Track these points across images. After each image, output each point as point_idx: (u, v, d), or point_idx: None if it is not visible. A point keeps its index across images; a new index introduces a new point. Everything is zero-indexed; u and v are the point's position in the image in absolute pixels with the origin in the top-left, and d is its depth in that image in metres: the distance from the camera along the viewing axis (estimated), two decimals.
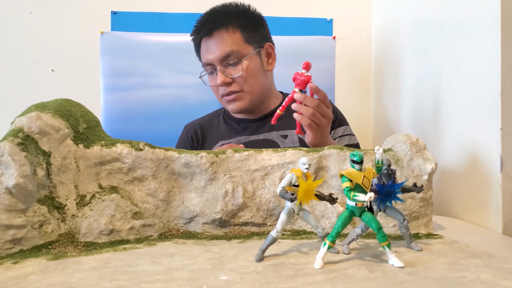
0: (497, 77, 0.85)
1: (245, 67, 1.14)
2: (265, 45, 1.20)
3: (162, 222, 0.73)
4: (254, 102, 1.18)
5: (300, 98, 0.89)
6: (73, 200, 0.69)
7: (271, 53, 1.22)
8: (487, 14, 0.89)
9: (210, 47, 1.16)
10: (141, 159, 0.73)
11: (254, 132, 1.20)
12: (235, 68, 1.14)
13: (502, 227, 0.84)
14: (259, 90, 1.18)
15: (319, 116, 0.90)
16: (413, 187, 0.63)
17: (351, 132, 1.19)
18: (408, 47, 1.35)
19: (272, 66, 1.21)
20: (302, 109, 0.89)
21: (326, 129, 0.93)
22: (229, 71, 1.14)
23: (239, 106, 1.17)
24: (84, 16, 1.56)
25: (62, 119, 0.70)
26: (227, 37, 1.14)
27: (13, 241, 0.60)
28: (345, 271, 0.53)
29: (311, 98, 0.89)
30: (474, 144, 0.95)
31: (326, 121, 0.92)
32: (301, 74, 0.89)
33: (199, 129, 1.27)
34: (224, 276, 0.51)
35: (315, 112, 0.89)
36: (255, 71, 1.16)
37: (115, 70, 1.45)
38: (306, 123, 0.90)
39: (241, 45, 1.15)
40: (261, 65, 1.19)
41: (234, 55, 1.13)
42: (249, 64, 1.15)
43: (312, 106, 0.89)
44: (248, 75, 1.14)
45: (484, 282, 0.49)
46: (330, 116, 0.93)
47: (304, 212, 0.61)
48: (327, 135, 0.95)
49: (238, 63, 1.13)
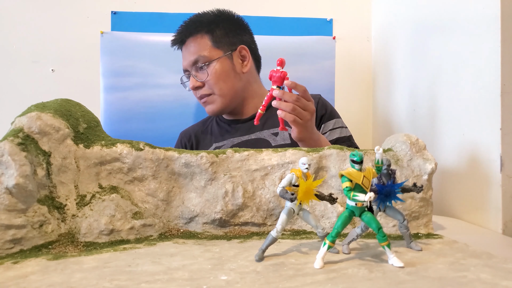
0: (497, 77, 0.85)
1: (213, 71, 1.17)
2: (238, 47, 1.21)
3: (162, 222, 0.73)
4: (228, 104, 1.20)
5: (278, 94, 0.89)
6: (73, 200, 0.69)
7: (246, 55, 1.23)
8: (487, 14, 0.89)
9: (184, 54, 1.23)
10: (141, 159, 0.73)
11: (246, 132, 1.21)
12: (203, 72, 1.18)
13: (502, 227, 0.84)
14: (231, 92, 1.20)
15: (300, 110, 0.90)
16: (413, 187, 0.63)
17: (342, 125, 1.19)
18: (408, 47, 1.35)
19: (247, 68, 1.22)
20: (283, 105, 0.90)
21: (310, 122, 0.93)
22: (199, 76, 1.19)
23: (212, 108, 1.21)
24: (84, 16, 1.56)
25: (62, 119, 0.70)
26: (195, 43, 1.20)
27: (13, 241, 0.60)
28: (345, 271, 0.53)
29: (289, 93, 0.90)
30: (474, 144, 0.95)
31: (308, 114, 0.92)
32: (276, 71, 0.89)
33: (192, 135, 1.30)
34: (224, 276, 0.51)
35: (295, 106, 0.90)
36: (223, 74, 1.18)
37: (115, 70, 1.45)
38: (290, 119, 0.91)
39: (209, 49, 1.18)
40: (232, 68, 1.20)
41: (201, 60, 1.18)
42: (217, 67, 1.18)
43: (292, 101, 0.89)
44: (216, 78, 1.17)
45: (484, 282, 0.49)
46: (311, 108, 0.92)
47: (304, 212, 0.61)
48: (312, 128, 0.95)
49: (205, 67, 1.18)
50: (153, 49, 1.46)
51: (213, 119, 1.31)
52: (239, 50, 1.21)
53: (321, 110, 1.19)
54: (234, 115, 1.26)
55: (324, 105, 1.21)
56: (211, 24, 1.20)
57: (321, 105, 1.20)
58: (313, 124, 0.95)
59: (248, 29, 1.27)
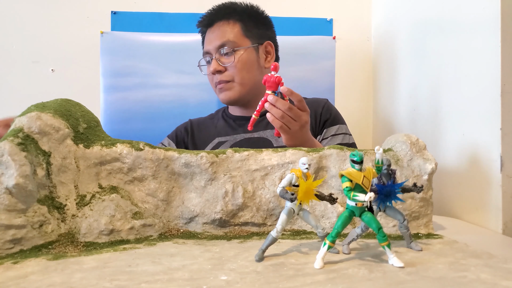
0: (497, 77, 0.85)
1: (238, 58, 1.18)
2: (265, 42, 1.23)
3: (162, 222, 0.73)
4: (245, 94, 1.20)
5: (272, 100, 0.89)
6: (73, 200, 0.69)
7: (270, 52, 1.25)
8: (487, 14, 0.89)
9: (210, 37, 1.22)
10: (141, 159, 0.73)
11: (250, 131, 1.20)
12: (229, 57, 1.18)
13: (502, 227, 0.84)
14: (251, 83, 1.20)
15: (289, 119, 0.90)
16: (413, 187, 0.63)
17: (346, 131, 1.19)
18: (408, 47, 1.35)
19: (269, 64, 1.23)
20: (273, 110, 0.90)
21: (300, 133, 0.92)
22: (223, 60, 1.19)
23: (228, 96, 1.20)
24: (84, 16, 1.56)
25: (62, 119, 0.70)
26: (225, 28, 1.20)
27: (13, 241, 0.60)
28: (345, 271, 0.53)
29: (282, 101, 0.89)
30: (474, 144, 0.95)
31: (297, 124, 0.91)
32: (271, 76, 0.90)
33: (189, 125, 1.30)
34: (224, 276, 0.51)
35: (284, 114, 0.89)
36: (248, 64, 1.19)
37: (115, 70, 1.45)
38: (277, 126, 0.91)
39: (239, 37, 1.19)
40: (257, 60, 1.22)
41: (229, 45, 1.18)
42: (243, 56, 1.18)
43: (283, 110, 0.89)
44: (240, 65, 1.18)
45: (484, 282, 0.49)
46: (303, 119, 0.92)
47: (304, 212, 0.61)
48: (302, 137, 0.94)
49: (232, 52, 1.18)
50: (153, 49, 1.46)
51: (220, 114, 1.32)
52: (265, 45, 1.24)
53: (325, 115, 1.19)
54: (242, 111, 1.26)
55: (329, 110, 1.21)
56: (244, 13, 1.22)
57: (326, 110, 1.21)
58: (304, 134, 0.94)
59: (273, 28, 1.29)
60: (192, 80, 1.47)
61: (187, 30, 1.52)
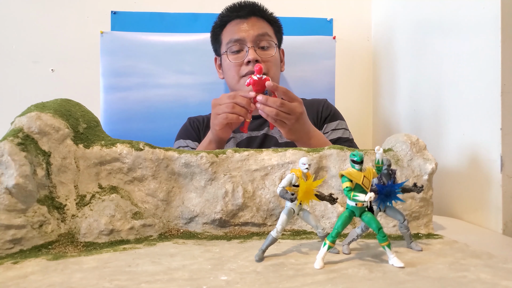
0: (497, 77, 0.85)
1: (275, 53, 1.21)
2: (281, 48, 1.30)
3: (162, 222, 0.73)
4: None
5: (262, 100, 0.91)
6: (73, 200, 0.69)
7: (282, 59, 1.31)
8: (487, 14, 0.89)
9: (243, 26, 1.20)
10: (141, 159, 0.73)
11: (257, 128, 1.23)
12: (265, 51, 1.20)
13: (502, 227, 0.84)
14: (277, 80, 1.23)
15: (284, 114, 0.91)
16: (413, 187, 0.63)
17: (346, 127, 1.23)
18: (408, 47, 1.35)
19: (283, 68, 1.31)
20: (266, 110, 0.91)
21: (297, 125, 0.94)
22: (259, 52, 1.19)
23: None
24: (84, 16, 1.56)
25: (62, 119, 0.70)
26: (262, 24, 1.22)
27: (13, 241, 0.60)
28: (345, 271, 0.53)
29: (273, 99, 0.91)
30: (474, 144, 0.95)
31: (293, 118, 0.92)
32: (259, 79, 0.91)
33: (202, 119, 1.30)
34: (224, 276, 0.51)
35: (278, 112, 0.91)
36: (278, 62, 1.25)
37: (115, 70, 1.44)
38: (274, 123, 0.93)
39: (272, 35, 1.24)
40: (280, 60, 1.28)
41: (267, 39, 1.20)
42: (276, 53, 1.22)
43: (276, 107, 0.90)
44: (275, 61, 1.22)
45: (484, 282, 0.49)
46: (297, 111, 0.92)
47: (304, 212, 0.61)
48: (301, 129, 0.95)
49: (270, 47, 1.20)
50: (153, 49, 1.46)
51: None
52: (282, 51, 1.30)
53: (325, 112, 1.24)
54: None
55: (328, 108, 1.26)
56: (271, 17, 1.27)
57: (326, 108, 1.25)
58: (302, 125, 0.95)
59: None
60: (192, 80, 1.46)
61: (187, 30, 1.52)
